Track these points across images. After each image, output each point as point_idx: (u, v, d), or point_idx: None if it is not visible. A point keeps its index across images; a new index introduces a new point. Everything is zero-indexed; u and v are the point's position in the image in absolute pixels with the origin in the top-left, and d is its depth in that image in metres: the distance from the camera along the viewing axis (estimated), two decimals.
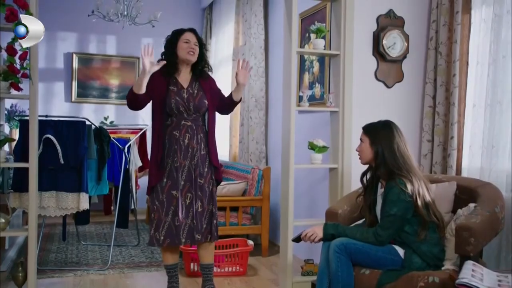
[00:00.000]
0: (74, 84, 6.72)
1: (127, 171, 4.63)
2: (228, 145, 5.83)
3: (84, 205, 3.85)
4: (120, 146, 4.50)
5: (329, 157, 3.87)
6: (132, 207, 4.86)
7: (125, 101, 6.75)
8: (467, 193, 2.98)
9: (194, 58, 3.28)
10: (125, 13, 5.37)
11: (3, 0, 3.09)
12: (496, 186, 2.96)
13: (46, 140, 3.78)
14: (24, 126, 3.78)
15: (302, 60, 4.63)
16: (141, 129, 5.16)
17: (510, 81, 3.20)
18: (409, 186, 2.64)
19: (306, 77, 4.56)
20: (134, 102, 3.25)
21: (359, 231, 2.75)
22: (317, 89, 4.34)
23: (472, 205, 2.75)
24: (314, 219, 4.00)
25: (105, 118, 6.63)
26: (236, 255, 4.12)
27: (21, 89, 3.21)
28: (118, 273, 4.12)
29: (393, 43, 3.84)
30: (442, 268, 2.64)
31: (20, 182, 3.75)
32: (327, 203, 4.01)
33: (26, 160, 3.55)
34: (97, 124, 6.12)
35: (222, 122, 5.74)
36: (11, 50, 3.13)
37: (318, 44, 3.76)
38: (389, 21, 3.86)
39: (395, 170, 2.69)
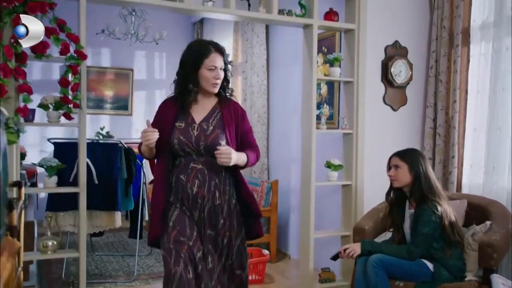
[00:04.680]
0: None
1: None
2: None
3: (118, 222, 4.09)
4: (139, 162, 4.72)
5: (342, 174, 4.25)
6: (147, 218, 5.08)
7: (119, 111, 7.10)
8: (477, 210, 3.42)
9: (216, 90, 2.68)
10: (133, 31, 5.57)
11: (57, 35, 3.30)
12: (503, 204, 3.42)
13: None
14: (58, 148, 3.97)
15: None
16: None
17: (509, 111, 3.64)
18: (439, 208, 3.05)
19: None
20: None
21: (393, 247, 3.15)
22: (326, 109, 4.70)
23: (488, 223, 3.19)
24: (327, 230, 4.37)
25: (101, 129, 6.77)
26: (256, 264, 4.45)
27: (73, 118, 3.42)
28: (144, 284, 4.37)
29: (399, 71, 4.25)
30: (466, 279, 3.07)
31: (55, 202, 3.94)
32: (333, 215, 4.43)
33: (62, 182, 3.73)
34: (93, 134, 6.33)
35: None
36: (64, 82, 3.34)
37: (334, 72, 4.13)
38: (395, 51, 4.27)
39: (428, 195, 3.09)
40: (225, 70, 2.69)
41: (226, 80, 2.72)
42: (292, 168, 5.31)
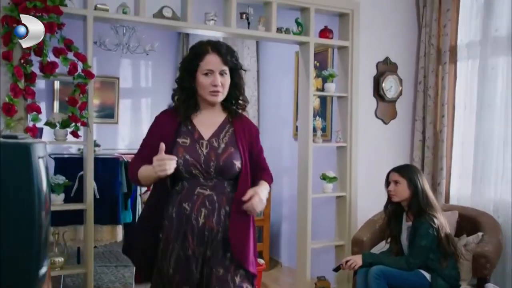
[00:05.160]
0: (56, 105, 6.79)
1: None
2: None
3: (119, 236, 4.15)
4: None
5: (336, 186, 4.41)
6: None
7: (105, 120, 7.09)
8: (467, 221, 3.63)
9: (219, 99, 2.23)
10: (124, 43, 5.61)
11: (65, 55, 3.36)
12: (491, 215, 3.63)
13: (82, 176, 4.01)
14: (59, 163, 4.02)
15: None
16: None
17: (495, 126, 3.87)
18: (436, 221, 3.23)
19: None
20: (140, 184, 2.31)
21: (392, 259, 3.32)
22: (318, 122, 4.84)
23: (480, 234, 3.39)
24: (322, 240, 4.51)
25: None
26: None
27: (80, 136, 3.48)
28: None
29: (390, 86, 4.44)
30: None
31: (57, 217, 3.96)
32: (327, 225, 4.57)
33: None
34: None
35: None
36: (73, 101, 3.39)
37: (329, 88, 4.28)
38: (386, 67, 4.45)
39: (426, 209, 3.26)
40: (233, 75, 2.24)
41: (236, 88, 2.28)
42: (284, 179, 5.45)
